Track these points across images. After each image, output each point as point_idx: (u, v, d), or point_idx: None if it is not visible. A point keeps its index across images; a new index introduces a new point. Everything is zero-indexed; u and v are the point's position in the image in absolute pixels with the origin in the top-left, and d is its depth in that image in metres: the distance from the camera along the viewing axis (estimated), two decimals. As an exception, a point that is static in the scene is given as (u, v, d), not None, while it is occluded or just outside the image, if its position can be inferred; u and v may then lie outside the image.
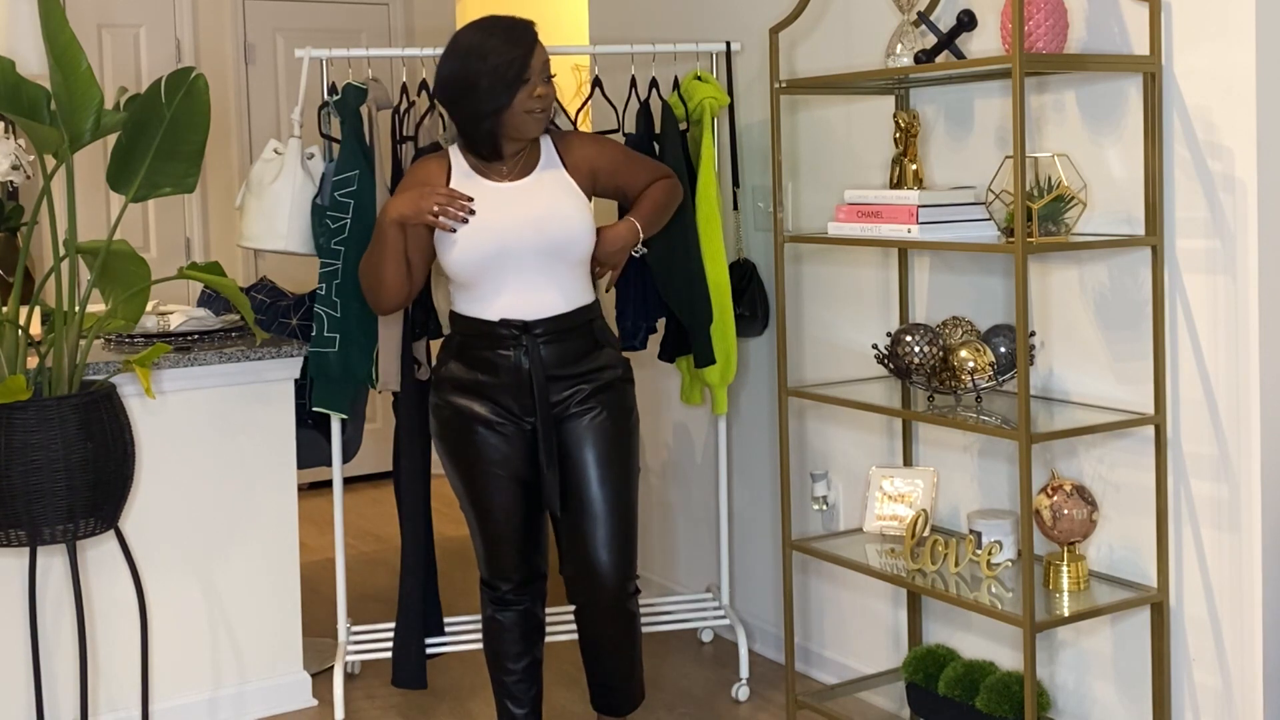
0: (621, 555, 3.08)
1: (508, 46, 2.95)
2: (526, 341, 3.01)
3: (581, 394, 3.06)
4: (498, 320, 3.02)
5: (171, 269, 3.74)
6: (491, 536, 3.13)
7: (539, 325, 3.02)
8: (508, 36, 2.96)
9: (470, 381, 3.06)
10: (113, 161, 3.16)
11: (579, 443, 3.05)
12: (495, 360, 3.03)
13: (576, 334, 3.06)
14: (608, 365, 3.11)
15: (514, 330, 3.01)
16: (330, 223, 3.64)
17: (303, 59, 3.74)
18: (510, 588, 3.16)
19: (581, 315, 3.08)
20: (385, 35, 6.59)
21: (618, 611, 3.14)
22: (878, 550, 3.33)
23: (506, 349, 3.02)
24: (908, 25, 3.15)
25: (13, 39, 3.64)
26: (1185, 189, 2.87)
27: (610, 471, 3.06)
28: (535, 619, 3.22)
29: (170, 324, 3.85)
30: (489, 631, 3.23)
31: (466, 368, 3.07)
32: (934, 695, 3.32)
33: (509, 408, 3.05)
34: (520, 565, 3.15)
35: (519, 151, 3.07)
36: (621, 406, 3.11)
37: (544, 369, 3.02)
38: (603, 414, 3.07)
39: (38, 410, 2.99)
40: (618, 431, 3.08)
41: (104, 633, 3.56)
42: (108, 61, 5.95)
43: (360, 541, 5.52)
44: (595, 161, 3.14)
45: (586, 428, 3.05)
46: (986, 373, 3.04)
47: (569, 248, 3.02)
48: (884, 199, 3.11)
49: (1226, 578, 2.87)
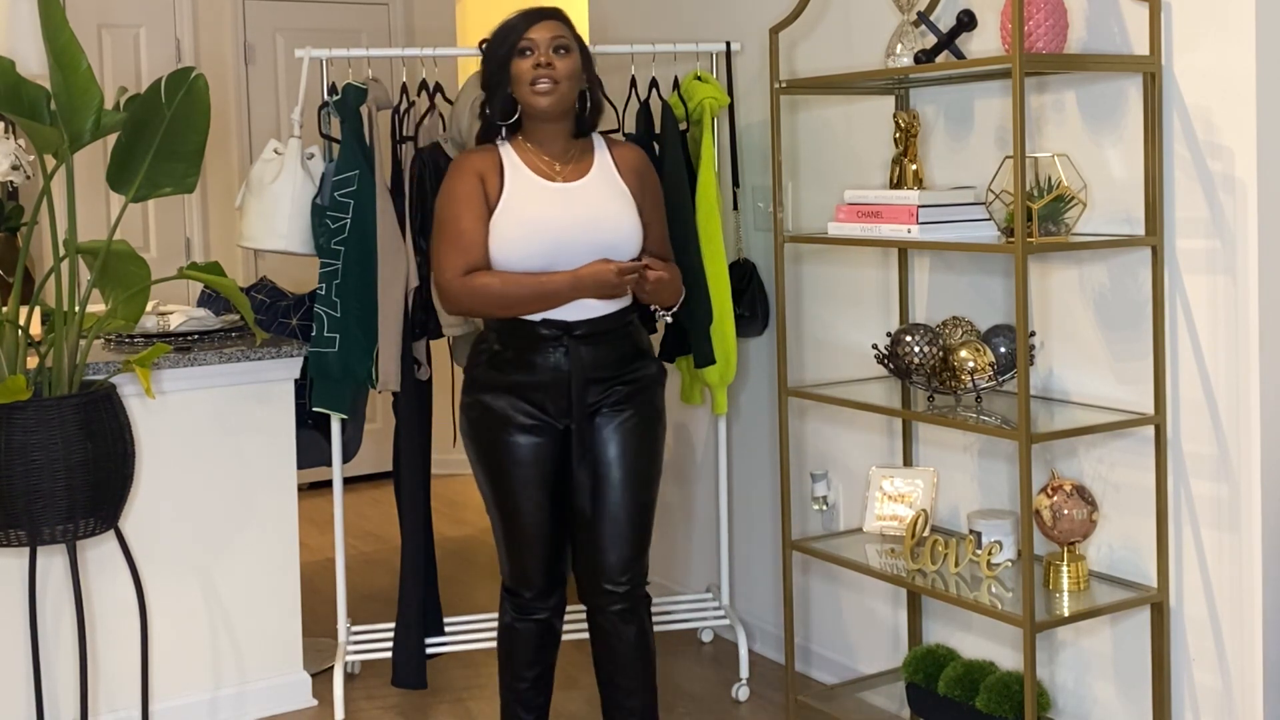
0: (632, 557, 3.06)
1: (514, 18, 3.01)
2: (568, 343, 2.98)
3: (616, 395, 3.04)
4: (539, 321, 2.99)
5: (171, 269, 3.74)
6: (517, 541, 3.08)
7: (581, 326, 2.99)
8: (522, 13, 3.02)
9: (505, 382, 3.03)
10: (113, 161, 3.16)
11: (605, 443, 3.03)
12: (535, 361, 3.00)
13: (616, 336, 3.03)
14: (643, 367, 3.09)
15: (556, 331, 2.99)
16: (330, 223, 3.64)
17: (303, 59, 3.74)
18: (533, 595, 3.11)
19: (621, 317, 3.05)
20: (385, 35, 6.59)
21: (626, 613, 3.10)
22: (878, 550, 3.33)
23: (547, 349, 3.00)
24: (908, 25, 3.15)
25: (13, 39, 3.64)
26: (1185, 189, 2.87)
27: (632, 475, 3.04)
28: (554, 632, 3.17)
29: (170, 324, 3.85)
30: (505, 638, 3.18)
31: (503, 368, 3.03)
32: (934, 695, 3.32)
33: (545, 408, 3.01)
34: (544, 572, 3.09)
35: (563, 147, 3.04)
36: (652, 409, 3.09)
37: (584, 370, 2.99)
38: (633, 417, 3.04)
39: (38, 410, 2.99)
40: (644, 435, 3.06)
41: (104, 633, 3.56)
42: (108, 61, 5.95)
43: (360, 541, 5.52)
44: (642, 179, 3.11)
45: (615, 429, 3.03)
46: (986, 373, 3.04)
47: (616, 251, 2.99)
48: (884, 199, 3.11)
49: (1226, 578, 2.87)
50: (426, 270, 3.73)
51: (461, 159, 3.09)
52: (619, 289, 2.96)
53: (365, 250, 3.64)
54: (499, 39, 3.02)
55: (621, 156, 3.11)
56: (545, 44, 2.97)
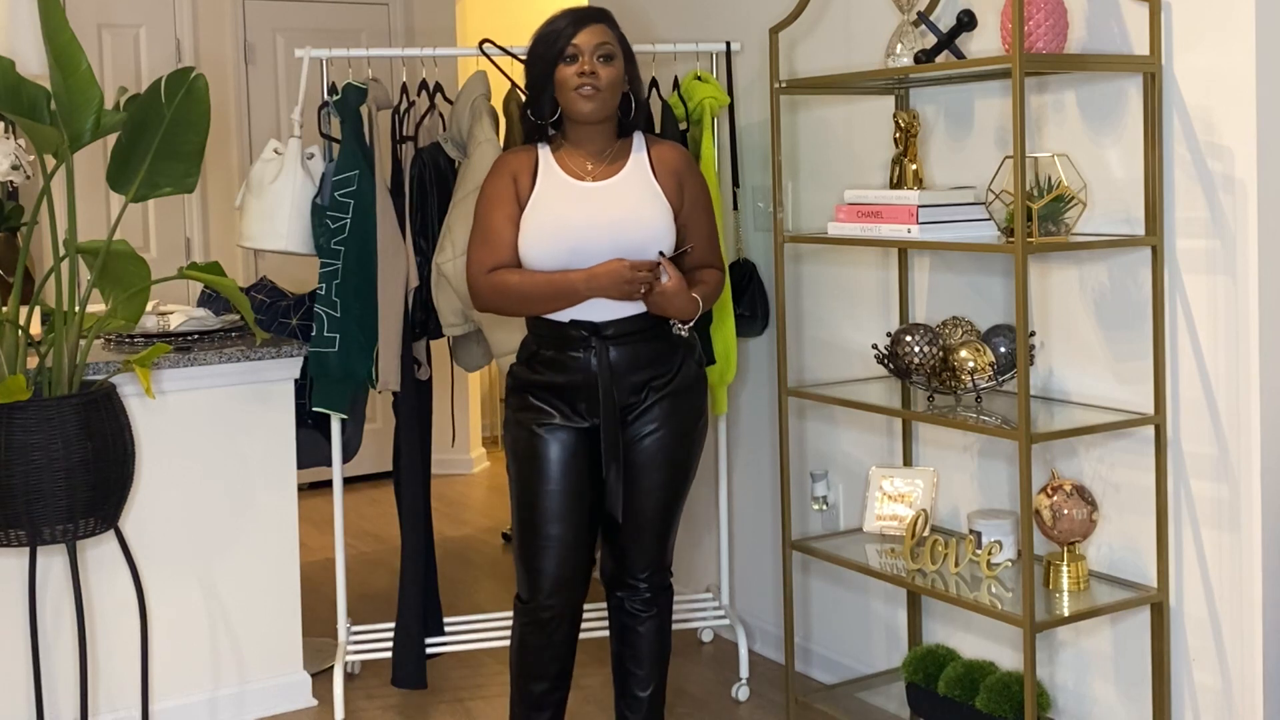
0: (657, 553, 3.10)
1: (560, 21, 2.99)
2: (596, 343, 2.97)
3: (650, 398, 3.01)
4: (568, 321, 2.98)
5: (171, 269, 3.74)
6: (533, 537, 3.01)
7: (610, 327, 2.98)
8: (568, 15, 2.99)
9: (540, 381, 3.02)
10: (113, 161, 3.16)
11: (637, 447, 3.01)
12: (565, 361, 2.99)
13: (648, 336, 3.01)
14: (680, 368, 3.05)
15: (584, 332, 2.98)
16: (330, 223, 3.64)
17: (303, 59, 3.74)
18: (550, 614, 3.04)
19: (655, 317, 3.01)
20: (385, 35, 6.59)
21: (649, 604, 3.13)
22: (878, 550, 3.33)
23: (576, 350, 2.99)
24: (908, 25, 3.15)
25: (13, 39, 3.64)
26: (1185, 189, 2.87)
27: (662, 481, 3.04)
28: (570, 645, 3.11)
29: (170, 324, 3.85)
30: (519, 648, 3.11)
31: (538, 368, 3.03)
32: (934, 695, 3.32)
33: (576, 408, 3.00)
34: (555, 575, 3.01)
35: (602, 147, 3.03)
36: (689, 411, 3.06)
37: (612, 371, 2.98)
38: (667, 421, 3.02)
39: (38, 410, 2.99)
40: (676, 443, 3.04)
41: (104, 633, 3.56)
42: (108, 61, 5.95)
43: (360, 541, 5.52)
44: (681, 179, 3.07)
45: (647, 433, 3.02)
46: (986, 373, 3.04)
47: (644, 252, 2.96)
48: (884, 199, 3.11)
49: (1226, 578, 2.87)
50: (426, 270, 3.74)
51: (499, 158, 3.11)
52: (635, 287, 2.92)
53: (365, 250, 3.64)
54: (545, 42, 2.99)
55: (660, 156, 3.08)
56: (590, 50, 2.95)
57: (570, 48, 2.95)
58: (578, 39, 2.95)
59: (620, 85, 3.00)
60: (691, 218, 3.07)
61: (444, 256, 3.63)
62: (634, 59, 3.06)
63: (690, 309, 2.99)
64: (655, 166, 3.06)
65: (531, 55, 3.02)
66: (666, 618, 3.18)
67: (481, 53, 3.69)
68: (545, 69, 2.99)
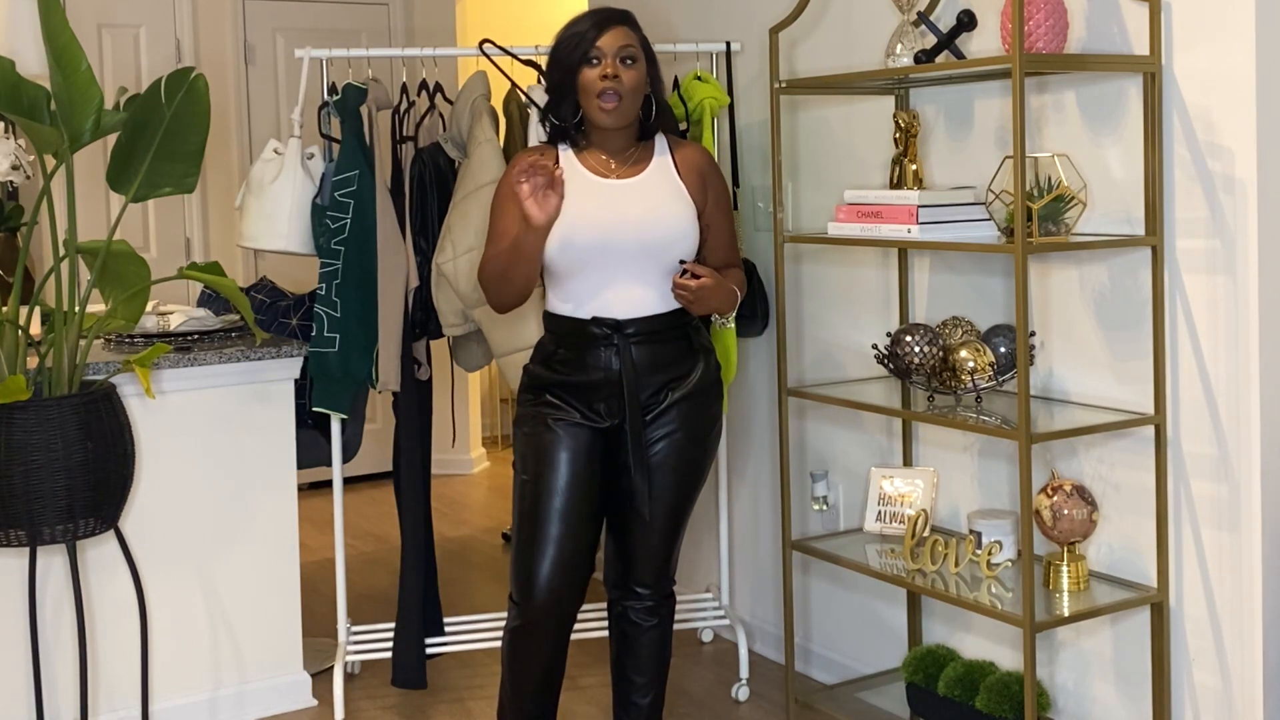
0: (664, 560, 3.09)
1: (583, 23, 2.97)
2: (618, 341, 2.96)
3: (667, 399, 3.00)
4: (589, 319, 2.97)
5: (171, 269, 3.74)
6: (532, 533, 2.96)
7: (631, 325, 2.96)
8: (591, 17, 2.98)
9: (556, 380, 3.00)
10: (113, 161, 3.16)
11: (648, 449, 3.00)
12: (586, 359, 2.97)
13: (669, 336, 3.00)
14: (696, 371, 3.04)
15: (605, 329, 2.96)
16: (330, 223, 3.64)
17: (303, 59, 3.74)
18: (538, 627, 3.00)
19: (676, 318, 3.00)
20: (385, 35, 6.59)
21: (651, 611, 3.11)
22: (878, 550, 3.33)
23: (598, 348, 2.97)
24: (908, 25, 3.15)
25: (13, 39, 3.64)
26: (1185, 189, 2.87)
27: (672, 485, 3.02)
28: (560, 652, 3.08)
29: (170, 324, 3.85)
30: (510, 648, 3.07)
31: (555, 367, 3.01)
32: (934, 695, 3.32)
33: (594, 407, 2.98)
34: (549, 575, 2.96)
35: (623, 147, 3.02)
36: (703, 415, 3.04)
37: (635, 370, 2.97)
38: (684, 425, 3.01)
39: (38, 410, 2.99)
40: (692, 446, 3.03)
41: (104, 633, 3.56)
42: (108, 61, 5.95)
43: (360, 541, 5.52)
44: (705, 178, 3.07)
45: (662, 438, 3.00)
46: (986, 373, 3.04)
47: (668, 250, 2.95)
48: (884, 199, 3.11)
49: (1226, 578, 2.87)
50: (426, 270, 3.74)
51: (516, 157, 3.11)
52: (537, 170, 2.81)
53: (365, 250, 3.64)
54: (568, 45, 2.96)
55: (683, 156, 3.07)
56: (613, 53, 2.93)
57: (594, 50, 2.93)
58: (601, 42, 2.93)
59: (642, 88, 2.98)
60: (714, 218, 3.08)
61: (444, 256, 3.63)
62: (656, 61, 3.04)
63: (730, 300, 3.03)
64: (679, 166, 3.06)
65: (553, 59, 3.00)
66: (669, 626, 3.17)
67: (481, 53, 3.69)
68: (568, 72, 2.96)
